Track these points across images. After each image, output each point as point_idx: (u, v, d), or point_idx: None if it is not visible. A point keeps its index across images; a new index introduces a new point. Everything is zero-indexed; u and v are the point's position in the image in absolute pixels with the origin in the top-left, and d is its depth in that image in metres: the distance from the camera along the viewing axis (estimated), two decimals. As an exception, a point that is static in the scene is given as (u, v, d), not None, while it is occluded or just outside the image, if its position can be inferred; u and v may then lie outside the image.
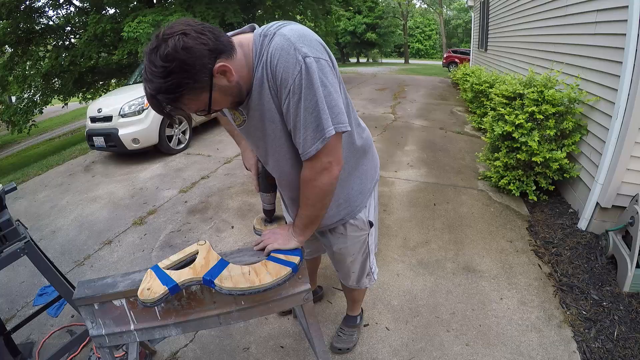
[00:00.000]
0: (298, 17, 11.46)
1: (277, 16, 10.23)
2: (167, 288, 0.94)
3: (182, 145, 5.03)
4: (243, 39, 0.93)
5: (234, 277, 0.97)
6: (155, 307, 1.04)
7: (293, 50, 0.84)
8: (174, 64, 0.78)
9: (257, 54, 0.90)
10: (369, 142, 1.24)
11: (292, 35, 0.86)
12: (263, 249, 1.11)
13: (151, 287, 0.94)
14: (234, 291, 0.95)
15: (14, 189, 1.65)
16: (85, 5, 10.26)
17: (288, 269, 1.00)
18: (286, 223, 1.25)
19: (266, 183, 1.19)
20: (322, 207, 1.05)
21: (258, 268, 1.01)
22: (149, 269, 1.01)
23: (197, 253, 1.06)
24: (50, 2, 9.94)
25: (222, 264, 1.02)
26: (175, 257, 1.06)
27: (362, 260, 1.42)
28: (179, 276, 0.97)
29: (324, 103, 0.88)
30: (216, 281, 0.96)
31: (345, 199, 1.21)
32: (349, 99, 1.09)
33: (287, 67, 0.85)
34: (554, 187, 3.04)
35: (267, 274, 0.99)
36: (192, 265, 1.02)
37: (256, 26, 0.96)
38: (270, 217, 1.25)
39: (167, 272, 0.99)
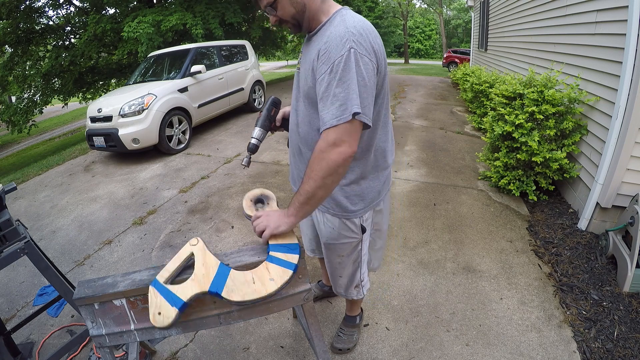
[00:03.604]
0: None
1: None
2: (177, 309, 0.92)
3: (182, 145, 5.04)
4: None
5: (240, 289, 0.96)
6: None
7: (345, 40, 0.97)
8: None
9: (329, 19, 1.07)
10: (382, 166, 1.27)
11: (353, 29, 0.99)
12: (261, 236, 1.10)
13: (162, 311, 0.92)
14: (243, 303, 0.95)
15: (14, 189, 1.65)
16: (85, 5, 10.27)
17: (289, 272, 1.00)
18: (277, 205, 1.26)
19: (258, 117, 1.37)
20: (324, 186, 1.02)
21: (261, 274, 1.00)
22: (150, 286, 0.97)
23: (193, 256, 1.03)
24: (50, 2, 9.95)
25: (223, 271, 0.99)
26: (172, 266, 1.01)
27: (352, 269, 1.42)
28: (184, 292, 0.95)
29: (356, 88, 0.96)
30: (224, 294, 0.95)
31: (338, 202, 1.25)
32: (388, 115, 1.21)
33: (335, 50, 0.98)
34: (554, 187, 3.04)
35: (270, 280, 0.98)
36: (193, 276, 0.98)
37: (348, 8, 1.12)
38: (252, 152, 1.32)
39: (170, 288, 0.96)
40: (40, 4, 9.84)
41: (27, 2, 9.26)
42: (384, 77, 1.10)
